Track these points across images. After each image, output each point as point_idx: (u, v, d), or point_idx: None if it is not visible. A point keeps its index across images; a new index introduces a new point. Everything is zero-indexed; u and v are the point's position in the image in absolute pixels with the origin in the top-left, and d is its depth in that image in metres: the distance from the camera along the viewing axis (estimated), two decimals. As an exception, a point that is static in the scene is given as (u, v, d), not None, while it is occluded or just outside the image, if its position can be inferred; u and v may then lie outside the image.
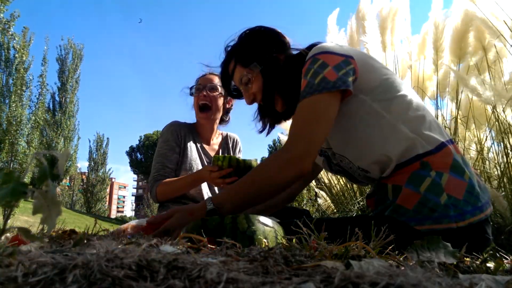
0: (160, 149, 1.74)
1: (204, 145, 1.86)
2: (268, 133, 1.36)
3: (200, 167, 1.78)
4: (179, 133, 1.76)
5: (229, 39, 1.29)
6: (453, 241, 0.64)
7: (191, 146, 1.78)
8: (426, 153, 0.97)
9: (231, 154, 1.94)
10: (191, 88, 1.84)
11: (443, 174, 0.95)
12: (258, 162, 1.53)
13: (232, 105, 1.90)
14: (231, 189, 1.06)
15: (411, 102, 1.04)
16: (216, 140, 1.93)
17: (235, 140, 1.99)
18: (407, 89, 1.08)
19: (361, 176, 1.13)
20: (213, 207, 1.00)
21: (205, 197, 1.73)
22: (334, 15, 2.91)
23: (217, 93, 1.79)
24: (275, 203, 1.43)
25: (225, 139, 1.97)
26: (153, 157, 1.78)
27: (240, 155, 2.01)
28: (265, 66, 1.18)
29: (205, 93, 1.76)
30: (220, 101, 1.80)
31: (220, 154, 1.53)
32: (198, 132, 1.86)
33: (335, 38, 2.78)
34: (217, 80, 1.81)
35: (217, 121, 1.85)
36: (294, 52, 1.21)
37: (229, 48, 1.28)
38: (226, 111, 1.88)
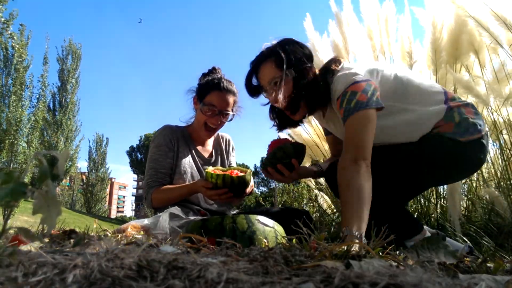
0: (153, 154, 1.71)
1: (198, 147, 1.84)
2: (279, 131, 1.59)
3: (194, 169, 1.76)
4: (172, 138, 1.73)
5: (266, 45, 1.44)
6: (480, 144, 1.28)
7: (185, 149, 1.76)
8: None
9: (225, 156, 1.93)
10: (198, 90, 1.76)
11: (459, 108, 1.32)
12: (252, 171, 1.59)
13: None
14: (349, 213, 1.11)
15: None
16: (209, 141, 1.91)
17: (227, 140, 1.97)
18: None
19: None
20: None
21: (200, 199, 1.73)
22: (309, 21, 2.78)
23: (229, 118, 1.75)
24: None
25: (217, 139, 1.94)
26: (146, 163, 1.75)
27: (234, 154, 2.00)
28: (299, 74, 1.35)
29: (219, 122, 1.72)
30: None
31: (211, 168, 1.52)
32: (191, 135, 1.83)
33: (318, 46, 2.69)
34: (232, 101, 1.73)
35: None
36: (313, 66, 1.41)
37: (266, 50, 1.41)
38: None
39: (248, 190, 1.60)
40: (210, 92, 1.70)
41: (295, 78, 1.35)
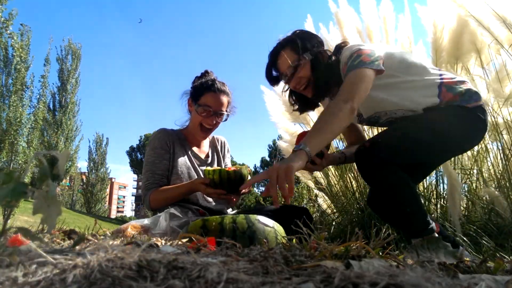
0: (149, 157, 1.73)
1: (194, 149, 1.86)
2: (300, 113, 1.74)
3: (192, 170, 1.78)
4: (167, 140, 1.75)
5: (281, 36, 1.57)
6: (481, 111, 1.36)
7: (181, 151, 1.78)
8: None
9: (221, 157, 1.96)
10: (192, 92, 1.79)
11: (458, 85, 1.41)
12: (249, 168, 1.62)
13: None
14: (313, 136, 1.22)
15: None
16: (204, 143, 1.93)
17: (222, 142, 2.01)
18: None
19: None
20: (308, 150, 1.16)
21: (199, 197, 1.74)
22: (309, 22, 2.80)
23: (224, 118, 1.77)
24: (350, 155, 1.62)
25: (212, 141, 1.97)
26: (143, 166, 1.77)
27: (229, 155, 2.03)
28: (315, 57, 1.48)
29: (214, 122, 1.75)
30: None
31: (210, 167, 1.55)
32: (186, 137, 1.85)
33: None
34: (226, 101, 1.76)
35: None
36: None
37: (283, 39, 1.54)
38: None
39: (248, 183, 1.61)
40: (205, 94, 1.74)
41: (312, 60, 1.47)
